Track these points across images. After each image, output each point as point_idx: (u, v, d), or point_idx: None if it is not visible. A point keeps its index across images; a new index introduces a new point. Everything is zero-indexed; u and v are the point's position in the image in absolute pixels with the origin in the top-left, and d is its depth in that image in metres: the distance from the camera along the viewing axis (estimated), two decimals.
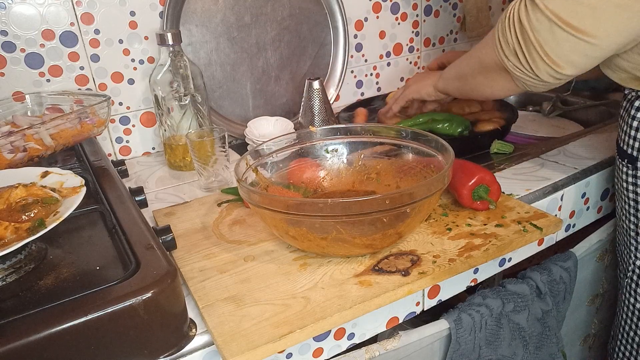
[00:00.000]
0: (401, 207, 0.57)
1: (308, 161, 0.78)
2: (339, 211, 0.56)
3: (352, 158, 0.79)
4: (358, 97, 1.31)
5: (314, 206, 0.57)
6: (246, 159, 0.70)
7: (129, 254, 0.53)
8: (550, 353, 0.83)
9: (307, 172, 0.78)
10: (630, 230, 0.78)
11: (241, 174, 0.66)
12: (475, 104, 1.05)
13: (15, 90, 0.91)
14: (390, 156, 0.76)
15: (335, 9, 1.17)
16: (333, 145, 0.79)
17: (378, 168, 0.77)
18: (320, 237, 0.60)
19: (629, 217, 0.78)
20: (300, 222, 0.60)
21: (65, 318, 0.43)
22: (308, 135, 0.78)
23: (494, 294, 0.74)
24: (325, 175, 0.79)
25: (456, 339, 0.70)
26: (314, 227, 0.60)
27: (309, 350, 0.60)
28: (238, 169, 0.66)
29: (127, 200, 0.64)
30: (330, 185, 0.79)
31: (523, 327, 0.76)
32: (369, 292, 0.57)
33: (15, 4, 0.87)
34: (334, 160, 0.79)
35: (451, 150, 0.64)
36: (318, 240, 0.60)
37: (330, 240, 0.60)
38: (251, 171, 0.71)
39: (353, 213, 0.57)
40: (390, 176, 0.76)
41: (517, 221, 0.68)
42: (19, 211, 0.54)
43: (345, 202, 0.56)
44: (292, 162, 0.78)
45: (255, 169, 0.72)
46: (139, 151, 1.06)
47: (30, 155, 0.71)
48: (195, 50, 1.03)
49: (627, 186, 0.76)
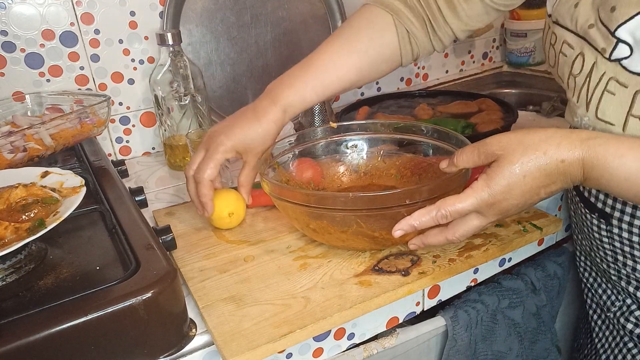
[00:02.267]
0: (422, 202, 0.56)
1: (326, 158, 0.79)
2: (361, 205, 0.57)
3: (371, 154, 0.79)
4: (358, 97, 1.31)
5: (335, 200, 0.57)
6: (267, 154, 0.70)
7: (129, 254, 0.53)
8: (545, 348, 0.83)
9: (325, 169, 0.78)
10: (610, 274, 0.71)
11: (263, 170, 0.67)
12: (474, 105, 1.05)
13: (15, 90, 0.91)
14: (410, 152, 0.76)
15: (335, 8, 1.17)
16: (353, 141, 0.78)
17: (397, 164, 0.77)
18: (340, 231, 0.60)
19: (608, 263, 0.69)
20: (321, 215, 0.60)
21: (65, 318, 0.43)
22: (329, 131, 0.78)
23: (489, 290, 0.75)
24: (344, 171, 0.79)
25: (453, 336, 0.70)
26: (335, 221, 0.60)
27: (309, 350, 0.60)
28: (260, 164, 0.67)
29: (127, 200, 0.64)
30: (349, 180, 0.79)
31: (518, 322, 0.77)
32: (369, 292, 0.57)
33: (15, 4, 0.87)
34: (353, 156, 0.79)
35: None
36: (338, 233, 0.61)
37: (350, 234, 0.60)
38: (271, 167, 0.71)
39: (374, 207, 0.57)
40: (410, 172, 0.76)
41: (517, 221, 0.68)
42: (19, 211, 0.54)
43: (367, 196, 0.57)
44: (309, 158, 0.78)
45: (276, 163, 0.72)
46: (139, 151, 1.06)
47: (30, 155, 0.71)
48: (195, 50, 1.03)
49: (602, 238, 0.67)
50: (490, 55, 1.55)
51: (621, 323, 0.71)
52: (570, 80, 0.60)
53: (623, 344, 0.72)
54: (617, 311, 0.72)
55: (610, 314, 0.73)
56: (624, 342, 0.72)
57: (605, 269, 0.71)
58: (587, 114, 0.58)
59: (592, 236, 0.69)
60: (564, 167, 0.49)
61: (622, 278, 0.68)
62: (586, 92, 0.57)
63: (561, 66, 0.61)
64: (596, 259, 0.73)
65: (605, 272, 0.72)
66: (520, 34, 1.43)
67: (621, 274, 0.68)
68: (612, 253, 0.67)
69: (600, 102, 0.56)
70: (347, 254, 0.64)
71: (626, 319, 0.71)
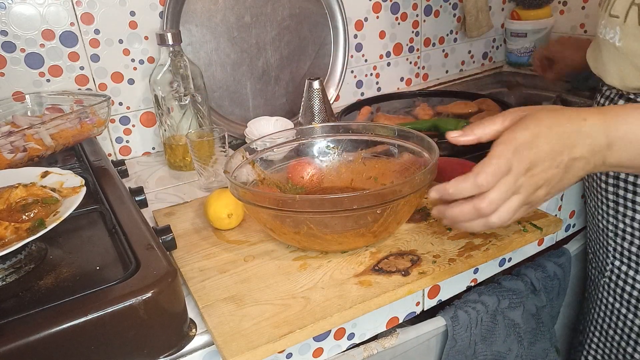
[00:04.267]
0: (370, 207, 0.57)
1: (306, 158, 0.79)
2: (307, 207, 0.57)
3: (352, 156, 0.79)
4: (358, 97, 1.31)
5: (283, 201, 0.58)
6: (242, 152, 0.71)
7: (129, 254, 0.53)
8: (543, 348, 0.83)
9: (305, 169, 0.78)
10: (608, 230, 0.77)
11: (234, 167, 0.68)
12: (474, 105, 1.05)
13: (15, 90, 0.91)
14: (389, 155, 0.76)
15: (335, 8, 1.17)
16: (330, 142, 0.79)
17: (376, 167, 0.77)
18: (294, 232, 0.61)
19: (607, 218, 0.77)
20: (275, 215, 0.60)
21: (65, 318, 0.43)
22: (307, 132, 0.79)
23: (489, 290, 0.75)
24: (324, 172, 0.79)
25: (452, 336, 0.70)
26: (286, 222, 0.61)
27: (309, 350, 0.60)
28: (231, 161, 0.68)
29: (127, 200, 0.64)
30: (328, 181, 0.79)
31: (518, 323, 0.77)
32: (369, 292, 0.57)
33: (15, 4, 0.87)
34: (334, 157, 0.80)
35: (436, 149, 0.64)
36: (292, 234, 0.61)
37: (303, 235, 0.61)
38: (248, 164, 0.72)
39: (321, 210, 0.57)
40: (387, 176, 0.76)
41: (517, 221, 0.68)
42: (19, 211, 0.54)
43: (313, 199, 0.57)
44: (290, 158, 0.79)
45: (252, 162, 0.73)
46: (139, 151, 1.06)
47: (30, 155, 0.71)
48: (195, 50, 1.03)
49: (606, 187, 0.75)
50: (490, 55, 1.55)
51: (612, 287, 0.77)
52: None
53: (617, 310, 0.78)
54: (611, 275, 0.78)
55: (606, 278, 0.78)
56: (617, 308, 0.78)
57: (605, 226, 0.77)
58: (604, 15, 0.68)
59: (599, 188, 0.76)
60: (587, 127, 0.47)
61: (619, 234, 0.75)
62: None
63: None
64: (599, 217, 0.78)
65: (604, 232, 0.78)
66: (520, 34, 1.43)
67: (618, 228, 0.75)
68: (614, 205, 0.74)
69: (613, 1, 0.65)
70: (347, 254, 0.64)
71: (615, 283, 0.77)
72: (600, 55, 0.71)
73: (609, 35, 0.68)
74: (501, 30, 1.53)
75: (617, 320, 0.78)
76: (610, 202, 0.75)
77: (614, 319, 0.79)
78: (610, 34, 0.68)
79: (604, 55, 0.70)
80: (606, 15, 0.68)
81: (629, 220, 0.73)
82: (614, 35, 0.67)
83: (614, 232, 0.76)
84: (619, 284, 0.77)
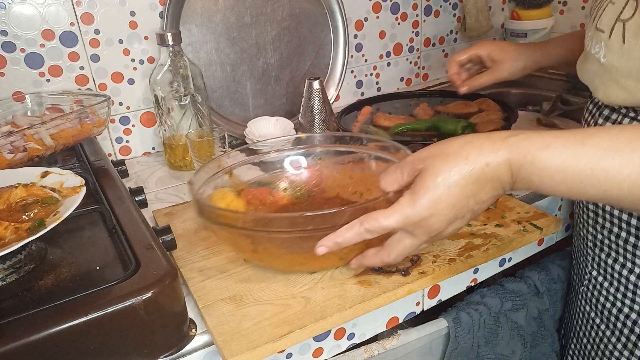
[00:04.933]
0: (322, 229, 0.52)
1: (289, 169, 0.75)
2: (261, 226, 0.53)
3: (338, 169, 0.75)
4: (358, 97, 1.31)
5: (236, 217, 0.55)
6: (219, 161, 0.68)
7: (129, 254, 0.53)
8: (544, 353, 0.83)
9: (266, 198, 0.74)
10: (587, 240, 0.76)
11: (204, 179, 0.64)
12: (474, 105, 1.05)
13: (15, 90, 0.91)
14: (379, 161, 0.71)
15: (335, 8, 1.17)
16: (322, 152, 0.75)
17: (363, 181, 0.72)
18: (251, 250, 0.59)
19: (587, 227, 0.75)
20: (240, 233, 0.57)
21: (65, 318, 0.43)
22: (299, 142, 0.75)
23: (492, 292, 0.74)
24: (313, 182, 0.75)
25: (455, 338, 0.70)
26: (241, 238, 0.57)
27: (308, 350, 0.60)
28: (203, 171, 0.64)
29: (127, 200, 0.64)
30: (318, 190, 0.75)
31: (521, 325, 0.76)
32: (369, 292, 0.57)
33: (15, 4, 0.87)
34: (322, 167, 0.75)
35: None
36: (250, 252, 0.60)
37: (260, 253, 0.59)
38: (224, 174, 0.69)
39: (275, 229, 0.53)
40: (373, 192, 0.69)
41: (517, 221, 0.68)
42: (19, 211, 0.54)
43: (267, 217, 0.54)
44: None
45: (229, 171, 0.70)
46: (139, 151, 1.06)
47: (30, 155, 0.72)
48: (195, 50, 1.03)
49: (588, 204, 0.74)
50: None
51: (589, 296, 0.77)
52: None
53: (592, 319, 0.77)
54: (589, 284, 0.77)
55: (584, 286, 0.78)
56: (592, 318, 0.77)
57: (585, 235, 0.77)
58: (591, 28, 0.66)
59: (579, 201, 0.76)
60: (489, 171, 0.46)
61: (597, 245, 0.74)
62: (596, 9, 0.66)
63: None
64: (580, 225, 0.78)
65: (584, 241, 0.78)
66: (520, 34, 1.43)
67: (597, 239, 0.74)
68: (593, 215, 0.73)
69: (601, 13, 0.63)
70: None
71: (592, 292, 0.77)
72: (586, 67, 0.69)
73: (595, 49, 0.65)
74: (501, 30, 1.53)
75: (591, 329, 0.78)
76: (590, 212, 0.74)
77: (588, 328, 0.78)
78: (595, 48, 0.65)
79: (590, 68, 0.67)
80: (593, 27, 0.65)
81: (607, 232, 0.71)
82: (599, 50, 0.64)
83: (592, 242, 0.75)
84: (595, 294, 0.76)
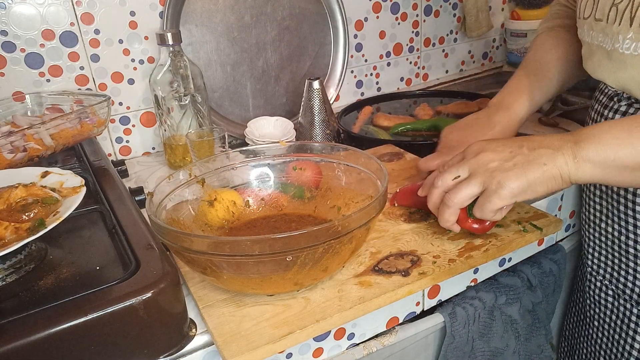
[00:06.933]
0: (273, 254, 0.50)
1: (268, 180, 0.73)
2: (206, 248, 0.51)
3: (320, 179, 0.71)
4: (358, 97, 1.31)
5: (185, 238, 0.52)
6: (190, 170, 0.66)
7: (129, 254, 0.53)
8: (538, 344, 0.83)
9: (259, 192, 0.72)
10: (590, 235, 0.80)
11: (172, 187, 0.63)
12: (474, 105, 1.05)
13: (15, 90, 0.91)
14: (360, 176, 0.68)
15: (335, 8, 1.17)
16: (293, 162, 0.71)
17: (341, 195, 0.69)
18: (201, 271, 0.56)
19: (589, 223, 0.79)
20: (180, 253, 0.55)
21: (65, 318, 0.43)
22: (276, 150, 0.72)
23: (486, 287, 0.75)
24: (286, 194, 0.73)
25: (451, 332, 0.70)
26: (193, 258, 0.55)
27: (309, 351, 0.60)
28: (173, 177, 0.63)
29: (127, 200, 0.64)
30: (291, 207, 0.72)
31: (515, 319, 0.77)
32: (369, 293, 0.57)
33: (15, 4, 0.87)
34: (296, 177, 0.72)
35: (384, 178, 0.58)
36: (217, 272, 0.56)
37: (209, 274, 0.55)
38: (196, 183, 0.67)
39: (217, 253, 0.51)
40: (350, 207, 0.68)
41: (517, 221, 0.68)
42: (19, 211, 0.54)
43: (210, 241, 0.51)
44: None
45: (201, 180, 0.68)
46: (139, 151, 1.06)
47: (30, 155, 0.71)
48: (195, 50, 1.03)
49: (593, 197, 0.76)
50: (490, 55, 1.55)
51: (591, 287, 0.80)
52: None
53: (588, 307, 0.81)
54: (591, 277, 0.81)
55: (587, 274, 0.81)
56: (588, 305, 0.81)
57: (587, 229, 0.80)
58: (589, 18, 0.66)
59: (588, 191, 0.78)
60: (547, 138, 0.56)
61: (597, 243, 0.77)
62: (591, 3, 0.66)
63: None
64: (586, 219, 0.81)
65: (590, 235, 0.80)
66: (520, 34, 1.43)
67: (595, 237, 0.78)
68: (599, 207, 0.75)
69: (599, 2, 0.64)
70: None
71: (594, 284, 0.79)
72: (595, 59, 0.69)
73: (598, 40, 0.65)
74: (501, 30, 1.53)
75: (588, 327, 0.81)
76: (592, 209, 0.77)
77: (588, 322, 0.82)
78: (599, 38, 0.65)
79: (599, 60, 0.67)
80: (591, 19, 0.66)
81: (604, 230, 0.75)
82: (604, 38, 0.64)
83: (593, 241, 0.79)
84: (596, 291, 0.79)
